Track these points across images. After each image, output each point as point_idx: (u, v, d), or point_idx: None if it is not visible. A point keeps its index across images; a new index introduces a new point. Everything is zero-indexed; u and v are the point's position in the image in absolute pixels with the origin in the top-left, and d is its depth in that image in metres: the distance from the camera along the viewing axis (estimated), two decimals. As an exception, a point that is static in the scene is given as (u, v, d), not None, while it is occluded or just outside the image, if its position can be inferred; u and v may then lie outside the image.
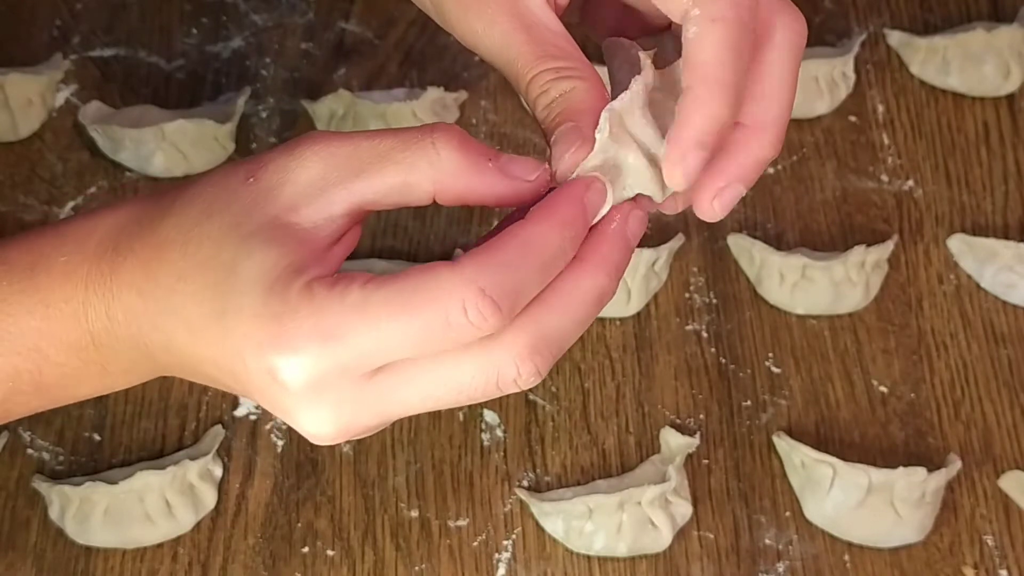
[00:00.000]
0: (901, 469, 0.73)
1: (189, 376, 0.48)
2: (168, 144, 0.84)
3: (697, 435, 0.76)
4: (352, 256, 0.79)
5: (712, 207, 0.48)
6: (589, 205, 0.46)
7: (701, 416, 0.78)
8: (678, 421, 0.77)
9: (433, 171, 0.45)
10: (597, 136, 0.46)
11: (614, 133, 0.47)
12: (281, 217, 0.44)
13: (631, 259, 0.48)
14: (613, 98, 0.48)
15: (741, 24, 0.46)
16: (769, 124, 0.48)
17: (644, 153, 0.48)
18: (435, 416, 0.77)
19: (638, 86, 0.47)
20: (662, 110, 0.48)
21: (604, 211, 0.47)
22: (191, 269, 0.44)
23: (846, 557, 0.74)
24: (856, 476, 0.73)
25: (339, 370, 0.43)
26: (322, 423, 0.44)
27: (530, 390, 0.78)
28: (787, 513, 0.75)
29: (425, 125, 0.46)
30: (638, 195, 0.49)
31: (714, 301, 0.82)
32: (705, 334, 0.80)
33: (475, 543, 0.73)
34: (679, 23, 0.47)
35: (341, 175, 0.45)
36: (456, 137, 0.45)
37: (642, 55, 0.48)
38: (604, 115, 0.46)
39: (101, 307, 0.47)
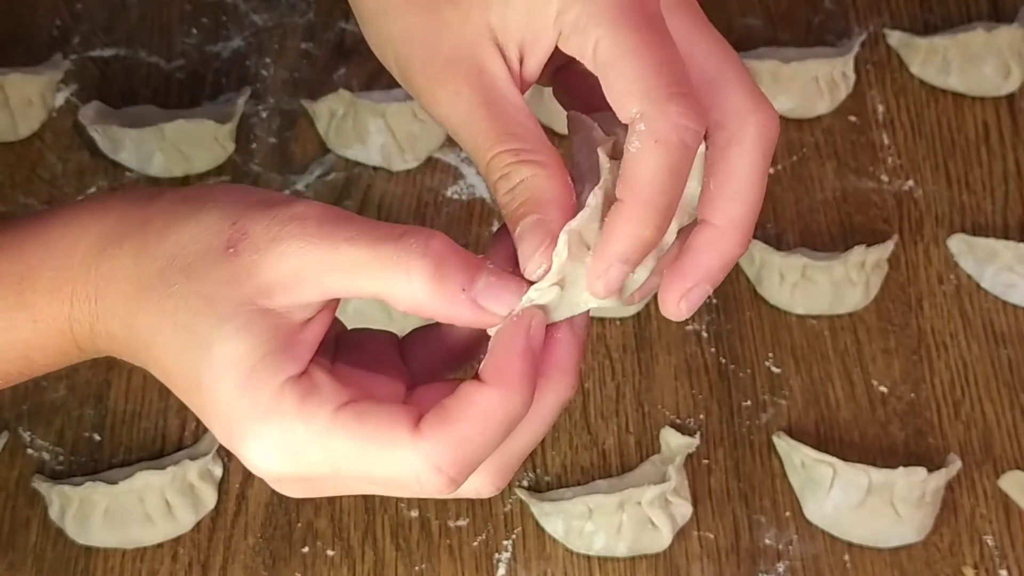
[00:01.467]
0: (901, 469, 0.73)
1: None
2: (168, 144, 0.84)
3: (697, 435, 0.76)
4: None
5: (679, 308, 0.48)
6: (535, 344, 0.46)
7: (701, 416, 0.78)
8: (678, 421, 0.77)
9: (404, 297, 0.45)
10: (555, 259, 0.45)
11: (572, 251, 0.46)
12: (255, 301, 0.45)
13: None
14: (574, 179, 0.47)
15: (683, 148, 0.45)
16: (736, 224, 0.48)
17: None
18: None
19: (596, 200, 0.46)
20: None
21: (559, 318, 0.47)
22: (169, 327, 0.46)
23: (846, 557, 0.74)
24: (856, 476, 0.73)
25: (297, 477, 0.46)
26: (290, 494, 0.47)
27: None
28: (787, 513, 0.75)
29: (407, 236, 0.45)
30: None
31: (714, 301, 0.81)
32: (705, 334, 0.80)
33: (475, 543, 0.73)
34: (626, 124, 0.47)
35: (316, 274, 0.45)
36: (431, 266, 0.45)
37: (601, 154, 0.47)
38: (563, 237, 0.45)
39: (86, 324, 0.48)
